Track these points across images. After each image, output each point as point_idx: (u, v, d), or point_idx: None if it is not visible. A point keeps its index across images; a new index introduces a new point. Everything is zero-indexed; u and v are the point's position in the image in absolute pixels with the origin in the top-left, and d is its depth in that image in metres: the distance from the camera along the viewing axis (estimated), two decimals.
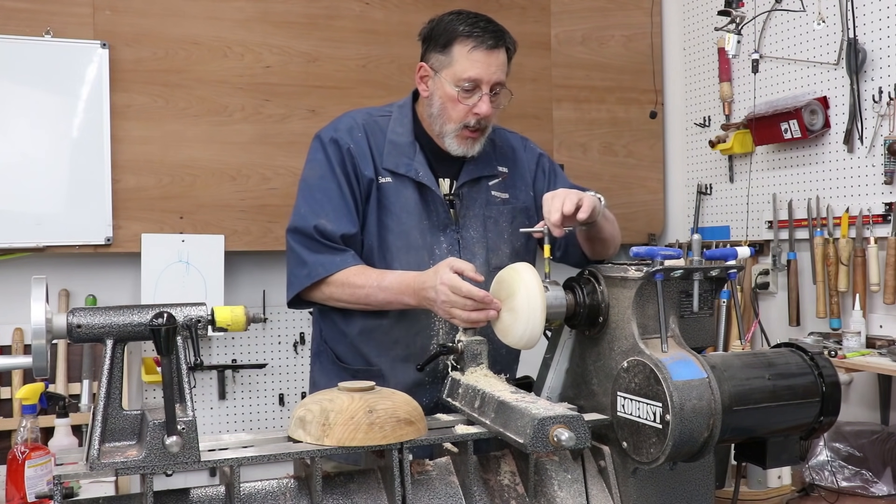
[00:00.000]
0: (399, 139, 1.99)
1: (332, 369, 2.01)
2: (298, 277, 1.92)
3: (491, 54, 1.91)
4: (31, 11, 2.84)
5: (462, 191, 2.01)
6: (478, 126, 1.95)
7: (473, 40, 1.90)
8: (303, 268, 1.91)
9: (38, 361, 1.29)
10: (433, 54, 1.96)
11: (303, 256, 1.91)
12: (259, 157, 3.10)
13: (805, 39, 2.94)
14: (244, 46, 3.09)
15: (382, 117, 2.03)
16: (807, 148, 2.94)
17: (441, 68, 1.93)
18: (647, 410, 1.44)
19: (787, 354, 1.60)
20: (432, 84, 1.96)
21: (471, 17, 1.94)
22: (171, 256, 2.97)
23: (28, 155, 2.82)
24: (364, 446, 1.41)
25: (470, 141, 1.96)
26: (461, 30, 1.91)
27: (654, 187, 3.70)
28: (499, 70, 1.93)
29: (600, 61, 3.61)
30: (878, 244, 2.64)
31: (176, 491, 1.41)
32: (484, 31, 1.91)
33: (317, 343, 2.11)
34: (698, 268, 1.56)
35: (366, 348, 1.96)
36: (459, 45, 1.91)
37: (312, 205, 1.94)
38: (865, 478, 2.28)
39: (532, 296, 1.60)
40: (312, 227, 1.90)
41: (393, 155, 1.97)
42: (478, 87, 1.91)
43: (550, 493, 1.54)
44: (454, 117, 1.93)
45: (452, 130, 1.95)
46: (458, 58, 1.91)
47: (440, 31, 1.94)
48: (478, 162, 2.04)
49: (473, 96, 1.91)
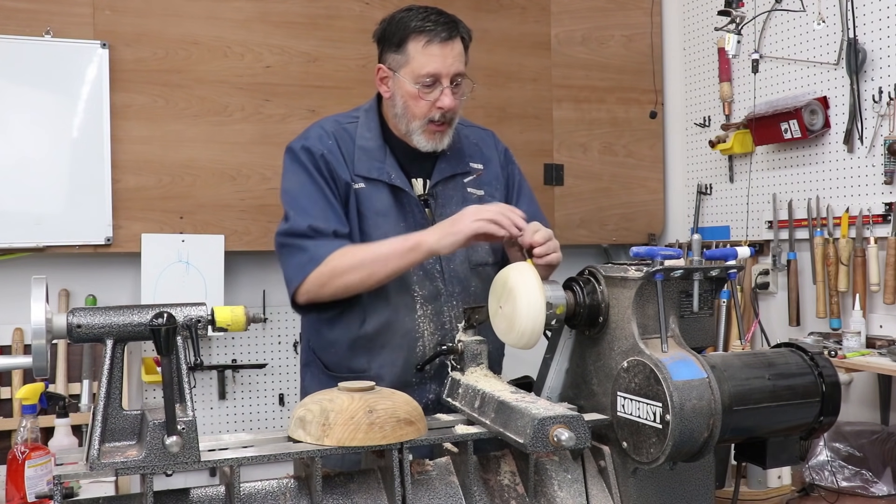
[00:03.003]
0: (368, 144, 1.98)
1: (323, 379, 2.00)
2: (300, 264, 1.87)
3: (446, 46, 1.90)
4: (31, 11, 2.84)
5: (436, 189, 2.00)
6: (443, 119, 1.94)
7: (426, 35, 1.89)
8: (303, 254, 1.87)
9: (38, 361, 1.29)
10: (389, 54, 1.95)
11: (302, 245, 1.88)
12: (259, 157, 3.10)
13: (805, 39, 2.94)
14: (244, 46, 3.09)
15: (350, 123, 2.02)
16: (807, 148, 2.94)
17: (399, 67, 1.92)
18: (647, 410, 1.44)
19: (787, 354, 1.60)
20: (392, 84, 1.95)
21: (421, 12, 1.92)
22: (171, 256, 2.97)
23: (28, 155, 2.82)
24: (364, 446, 1.41)
25: (438, 135, 1.96)
26: (413, 26, 1.90)
27: (654, 187, 3.70)
28: (456, 61, 1.91)
29: (600, 61, 3.61)
30: (878, 244, 2.64)
31: (176, 491, 1.41)
32: (436, 24, 1.90)
33: (306, 353, 2.10)
34: (698, 268, 1.55)
35: (353, 356, 1.96)
36: (413, 42, 1.90)
37: (299, 210, 1.92)
38: (865, 478, 2.28)
39: (532, 296, 1.60)
40: (306, 226, 1.88)
41: (364, 160, 1.96)
42: (438, 81, 1.90)
43: (550, 493, 1.54)
44: (418, 114, 1.93)
45: (418, 127, 1.94)
46: (413, 55, 1.90)
47: (393, 30, 1.93)
48: (450, 159, 2.03)
49: (434, 91, 1.90)
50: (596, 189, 3.61)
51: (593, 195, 3.60)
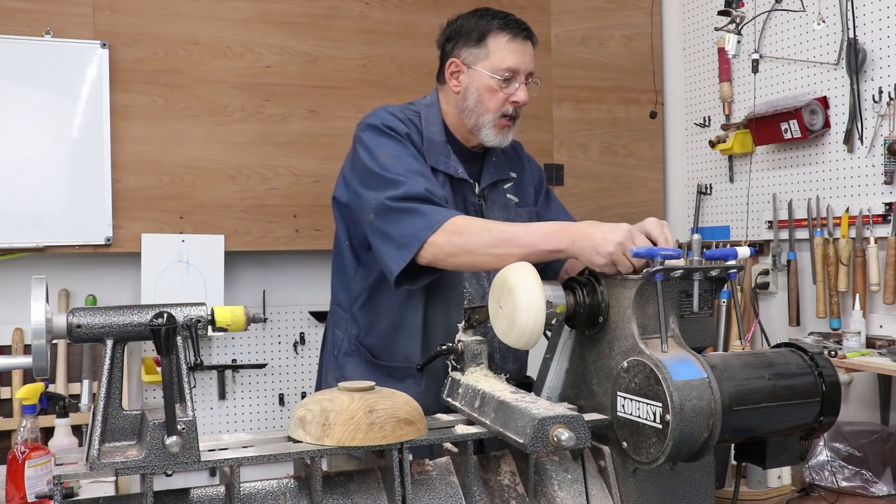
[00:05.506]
0: (435, 137, 2.03)
1: (366, 368, 2.03)
2: (417, 229, 1.75)
3: (525, 45, 2.00)
4: (31, 11, 2.84)
5: (485, 192, 2.07)
6: (515, 114, 2.02)
7: (509, 32, 1.99)
8: (422, 218, 1.75)
9: (38, 361, 1.29)
10: (465, 49, 2.01)
11: (419, 210, 1.76)
12: (259, 157, 3.10)
13: (805, 39, 2.94)
14: (244, 46, 3.09)
15: (413, 115, 2.06)
16: (807, 148, 2.94)
17: (476, 62, 1.99)
18: (647, 410, 1.44)
19: (787, 354, 1.60)
20: (465, 78, 2.01)
21: (499, 13, 2.03)
22: (171, 256, 2.97)
23: (28, 155, 2.81)
24: (364, 446, 1.41)
25: (506, 130, 2.03)
26: (496, 23, 1.99)
27: (654, 187, 3.70)
28: (531, 60, 2.02)
29: (600, 61, 3.61)
30: (878, 244, 2.64)
31: (176, 491, 1.41)
32: (517, 24, 2.00)
33: (348, 343, 2.09)
34: (698, 268, 1.55)
35: (398, 346, 1.99)
36: (495, 38, 1.98)
37: (410, 175, 1.82)
38: (865, 478, 2.28)
39: (532, 295, 1.60)
40: (423, 188, 1.80)
41: (432, 152, 2.00)
42: (515, 76, 1.98)
43: (550, 493, 1.54)
44: (492, 107, 1.99)
45: (490, 121, 2.00)
46: (494, 49, 1.98)
47: (471, 27, 2.01)
48: (496, 164, 2.10)
49: (511, 85, 1.98)
50: (596, 189, 3.61)
51: (593, 195, 3.60)
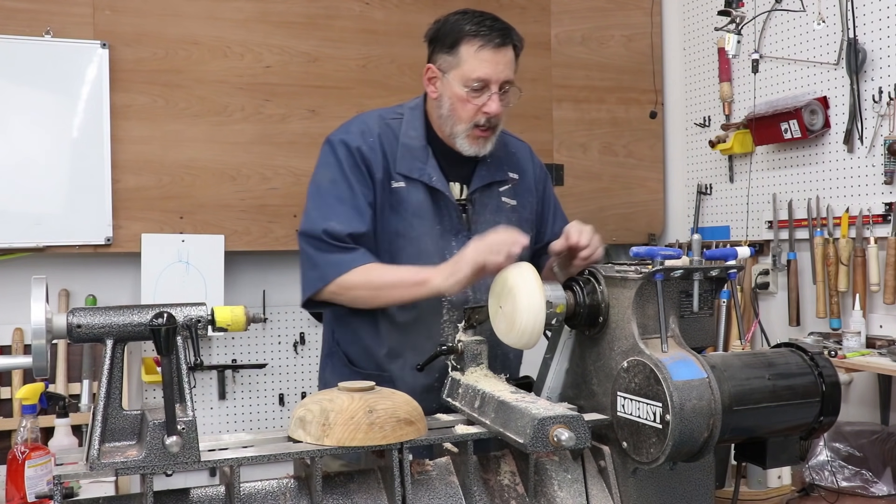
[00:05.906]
0: (412, 143, 1.98)
1: (345, 371, 2.00)
2: (311, 280, 1.91)
3: (498, 52, 1.89)
4: (31, 11, 2.84)
5: (474, 196, 2.01)
6: (488, 125, 1.94)
7: (480, 39, 1.89)
8: (314, 270, 1.90)
9: (38, 361, 1.29)
10: (440, 55, 1.94)
11: (314, 259, 1.90)
12: (259, 157, 3.10)
13: (805, 39, 2.94)
14: (244, 46, 3.09)
15: (394, 120, 2.02)
16: (807, 148, 2.94)
17: (449, 69, 1.92)
18: (647, 410, 1.44)
19: (787, 354, 1.60)
20: (440, 85, 1.95)
21: (477, 16, 1.93)
22: (171, 256, 2.97)
23: (28, 155, 2.82)
24: (364, 446, 1.41)
25: (482, 140, 1.95)
26: (467, 29, 1.90)
27: (654, 187, 3.71)
28: (507, 68, 1.91)
29: (600, 61, 3.61)
30: (878, 244, 2.64)
31: (176, 491, 1.41)
32: (490, 30, 1.90)
33: (328, 344, 2.10)
34: (698, 268, 1.55)
35: (378, 352, 1.96)
36: (466, 45, 1.89)
37: (322, 208, 1.92)
38: (865, 478, 2.28)
39: (532, 295, 1.60)
40: (321, 230, 1.89)
41: (406, 159, 1.96)
42: (487, 86, 1.90)
43: (550, 493, 1.54)
44: (464, 117, 1.92)
45: (463, 131, 1.94)
46: (465, 58, 1.89)
47: (446, 32, 1.93)
48: (490, 167, 2.03)
49: (483, 95, 1.90)
50: (596, 189, 3.61)
51: (593, 195, 3.60)
